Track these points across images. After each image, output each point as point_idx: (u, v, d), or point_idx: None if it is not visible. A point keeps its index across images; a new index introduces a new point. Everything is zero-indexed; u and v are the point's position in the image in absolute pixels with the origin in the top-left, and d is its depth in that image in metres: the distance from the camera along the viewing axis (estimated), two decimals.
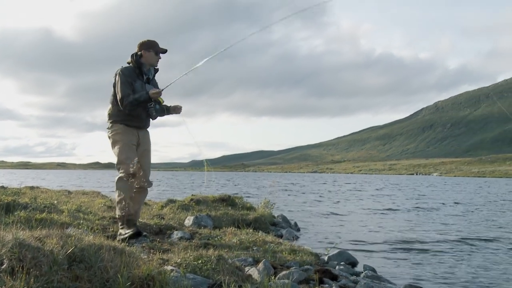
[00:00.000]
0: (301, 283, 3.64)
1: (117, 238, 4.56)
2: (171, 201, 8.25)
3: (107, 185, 29.33)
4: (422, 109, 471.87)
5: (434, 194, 24.21)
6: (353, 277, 4.22)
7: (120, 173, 4.73)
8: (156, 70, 5.07)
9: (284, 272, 3.76)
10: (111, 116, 4.87)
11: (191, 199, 8.20)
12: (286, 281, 3.32)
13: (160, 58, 4.98)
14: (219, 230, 5.95)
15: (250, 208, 8.15)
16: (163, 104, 4.92)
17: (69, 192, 10.34)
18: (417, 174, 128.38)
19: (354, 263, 5.27)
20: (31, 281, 2.33)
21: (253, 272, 3.68)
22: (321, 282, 3.77)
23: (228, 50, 4.75)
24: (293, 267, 4.04)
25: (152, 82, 5.00)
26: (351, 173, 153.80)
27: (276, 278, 3.57)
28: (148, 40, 4.91)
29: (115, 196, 4.85)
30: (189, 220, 6.39)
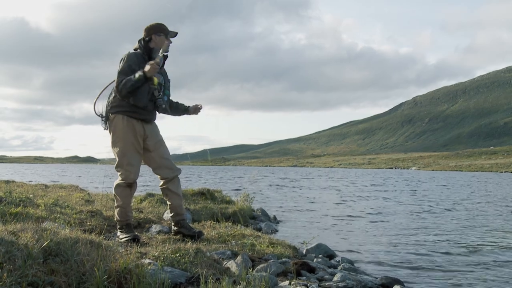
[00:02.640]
0: (279, 276, 3.67)
1: (115, 240, 4.52)
2: (150, 194, 8.20)
3: (85, 179, 29.00)
4: (402, 103, 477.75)
5: (414, 188, 24.57)
6: (331, 270, 4.26)
7: (119, 179, 4.44)
8: (166, 57, 4.53)
9: (262, 265, 3.78)
10: (112, 106, 4.40)
11: None
12: (264, 273, 3.35)
13: (171, 42, 4.53)
14: (198, 223, 5.94)
15: (230, 202, 8.16)
16: (182, 104, 4.68)
17: (46, 186, 10.17)
18: (395, 168, 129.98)
19: (332, 256, 5.32)
20: (4, 276, 2.30)
21: (231, 265, 3.70)
22: (298, 274, 3.80)
23: (208, 43, 4.60)
24: (271, 260, 4.06)
25: (161, 71, 4.56)
26: (331, 167, 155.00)
27: (254, 270, 3.59)
28: (157, 23, 4.48)
29: (115, 202, 4.59)
30: (168, 214, 6.36)
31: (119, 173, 4.45)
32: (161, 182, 4.68)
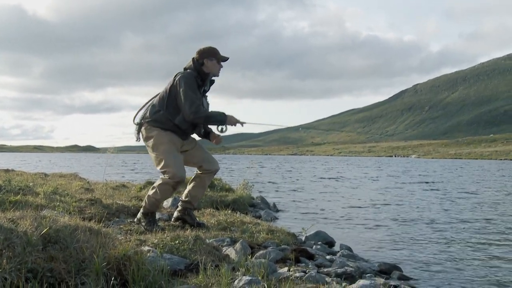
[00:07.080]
0: (278, 262, 3.68)
1: (135, 221, 4.63)
2: (149, 183, 8.21)
3: (85, 167, 29.03)
4: (402, 91, 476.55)
5: (414, 174, 24.60)
6: (329, 256, 4.28)
7: (167, 177, 4.34)
8: (212, 82, 4.65)
9: (261, 252, 3.80)
10: (154, 120, 4.43)
11: None
12: (263, 260, 3.36)
13: (222, 66, 4.61)
14: (198, 211, 5.96)
15: (229, 190, 8.17)
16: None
17: (46, 175, 10.19)
18: (395, 156, 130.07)
19: (331, 243, 5.35)
20: (3, 262, 2.30)
21: (231, 252, 3.72)
22: (297, 261, 3.82)
23: (210, 31, 4.59)
24: (270, 247, 4.08)
25: (204, 94, 4.62)
26: (331, 155, 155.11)
27: (253, 257, 3.61)
28: (209, 48, 4.55)
29: (150, 191, 4.50)
30: (167, 202, 6.38)
31: (165, 173, 4.38)
32: (200, 172, 4.72)
